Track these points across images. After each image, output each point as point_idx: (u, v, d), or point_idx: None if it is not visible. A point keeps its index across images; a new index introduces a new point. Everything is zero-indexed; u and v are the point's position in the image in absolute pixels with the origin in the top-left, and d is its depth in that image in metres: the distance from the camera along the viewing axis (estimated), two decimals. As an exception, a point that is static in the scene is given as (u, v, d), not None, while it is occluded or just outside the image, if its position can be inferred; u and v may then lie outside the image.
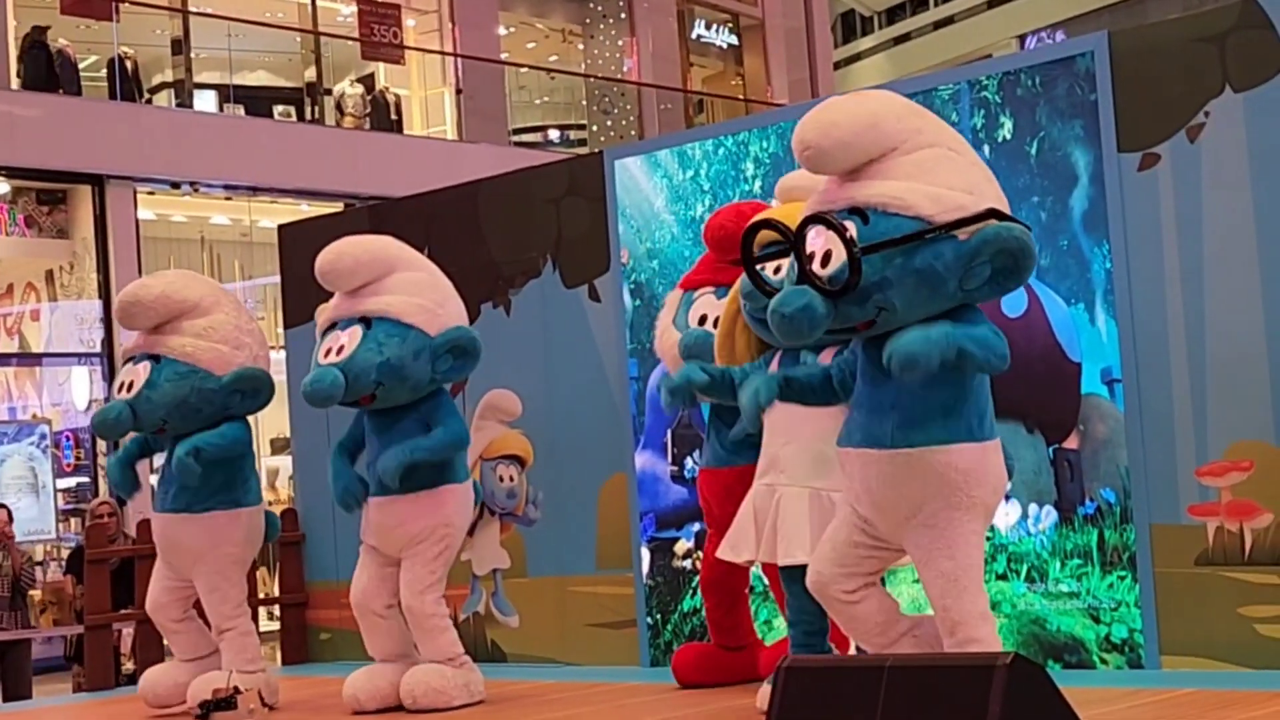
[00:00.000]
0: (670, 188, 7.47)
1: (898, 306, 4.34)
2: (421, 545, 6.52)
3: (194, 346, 6.74)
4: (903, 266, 4.30)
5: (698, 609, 7.23)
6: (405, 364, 6.42)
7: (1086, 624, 6.15)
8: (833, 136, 4.40)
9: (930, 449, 4.42)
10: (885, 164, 4.42)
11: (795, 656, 4.00)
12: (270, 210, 18.63)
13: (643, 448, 7.53)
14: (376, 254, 6.63)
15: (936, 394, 4.43)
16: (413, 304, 6.52)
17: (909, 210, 4.33)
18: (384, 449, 6.51)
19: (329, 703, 6.82)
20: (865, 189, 4.39)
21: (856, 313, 4.36)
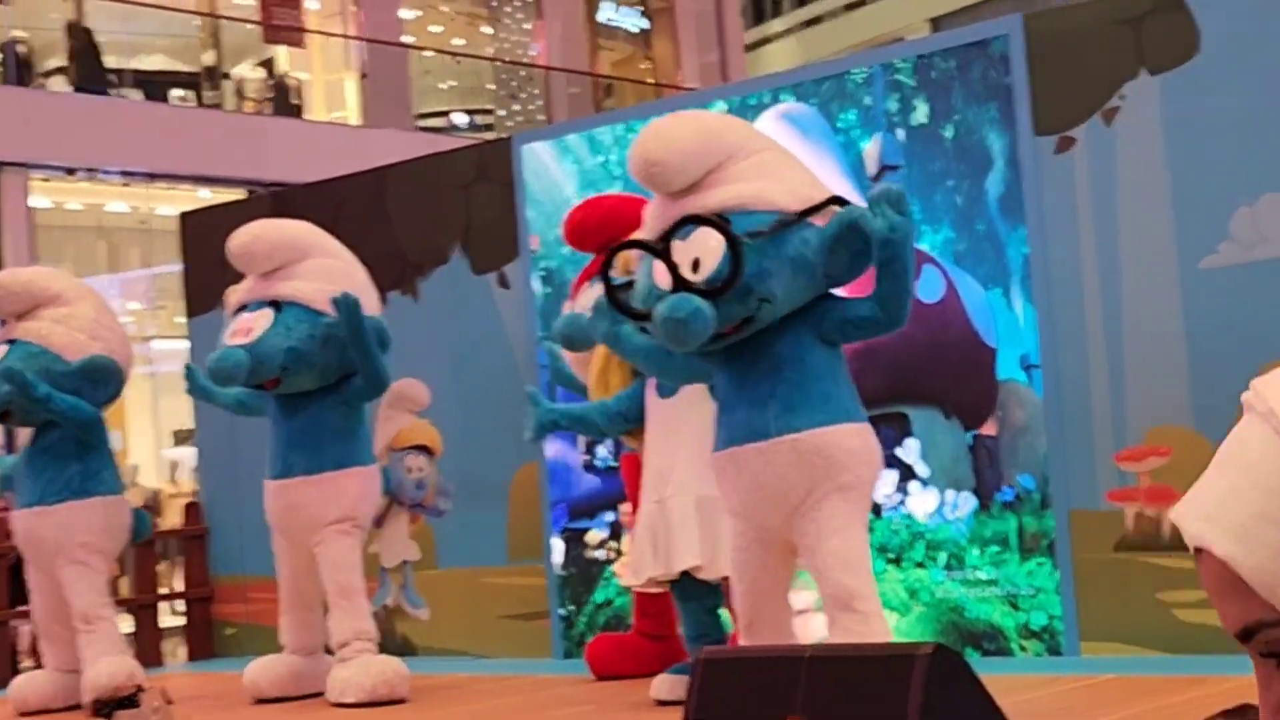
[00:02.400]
0: (580, 173, 7.38)
1: (777, 296, 4.46)
2: (332, 527, 6.44)
3: (49, 330, 6.75)
4: (777, 256, 4.43)
5: (611, 600, 7.17)
6: (313, 350, 6.37)
7: (1005, 611, 6.13)
8: (677, 150, 4.53)
9: (814, 432, 4.50)
10: (726, 172, 4.56)
11: (712, 648, 3.93)
12: (170, 197, 18.37)
13: (554, 437, 7.43)
14: (291, 238, 6.59)
15: (813, 379, 4.54)
16: (324, 291, 6.45)
17: (769, 205, 4.48)
18: (292, 434, 6.48)
19: (234, 698, 6.71)
20: (713, 197, 4.52)
21: (738, 310, 4.45)
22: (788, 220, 4.44)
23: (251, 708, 6.55)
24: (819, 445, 4.49)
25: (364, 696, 6.24)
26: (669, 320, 4.36)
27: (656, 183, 4.59)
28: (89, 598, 6.68)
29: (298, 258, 6.53)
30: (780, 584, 4.73)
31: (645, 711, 5.56)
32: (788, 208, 4.48)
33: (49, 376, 6.65)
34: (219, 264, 8.57)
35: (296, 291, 6.44)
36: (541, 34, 23.16)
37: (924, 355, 6.19)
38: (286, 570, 6.68)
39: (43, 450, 6.78)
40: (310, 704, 6.52)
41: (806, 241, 4.45)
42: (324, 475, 6.47)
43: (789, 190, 4.51)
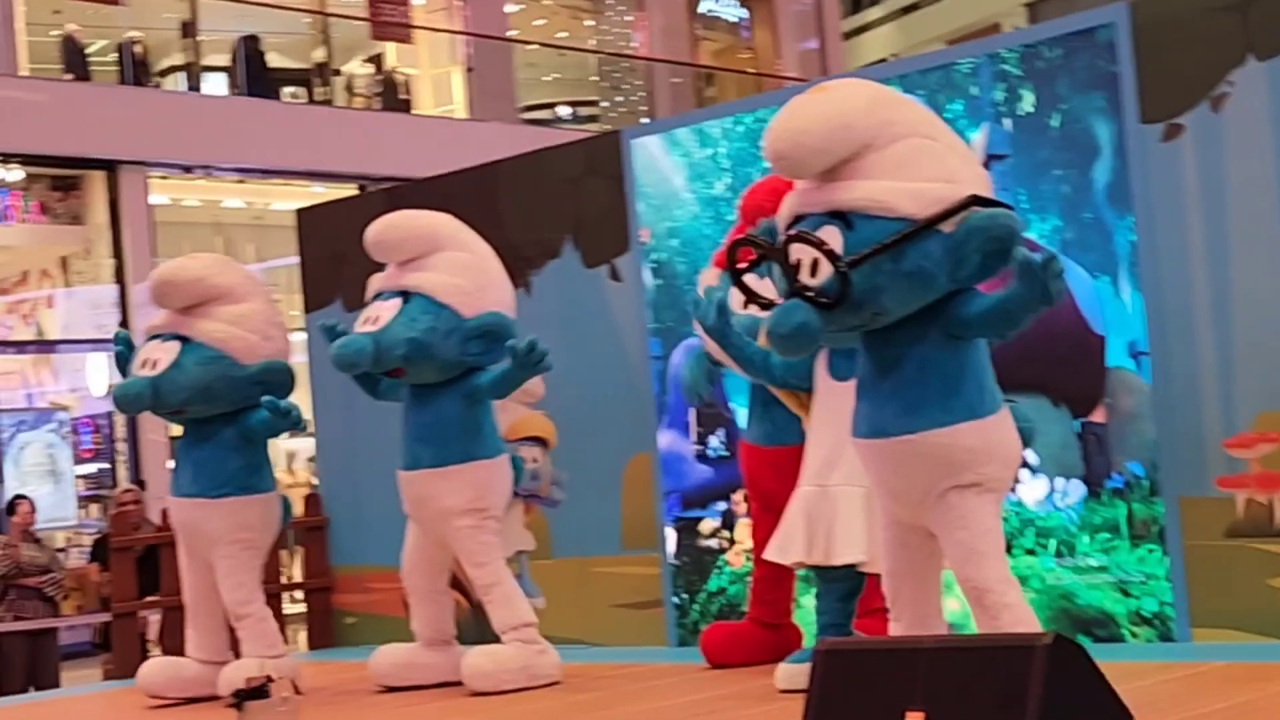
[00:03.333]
0: (689, 165, 7.45)
1: (891, 310, 4.35)
2: (461, 519, 6.55)
3: (225, 333, 6.74)
4: (893, 272, 4.27)
5: (724, 588, 7.24)
6: (434, 343, 6.44)
7: (1116, 598, 6.15)
8: (804, 145, 4.36)
9: (931, 433, 4.39)
10: (861, 163, 4.37)
11: (832, 639, 3.99)
12: (283, 193, 18.64)
13: (666, 427, 7.52)
14: (425, 230, 6.67)
15: (932, 377, 4.42)
16: (451, 284, 6.53)
17: (892, 212, 4.28)
18: (420, 426, 6.58)
19: (356, 686, 6.86)
20: (844, 192, 4.35)
21: (851, 319, 4.36)
22: (907, 235, 4.26)
23: (376, 695, 6.69)
24: (936, 447, 4.38)
25: (490, 685, 6.37)
26: (772, 334, 4.31)
27: (786, 174, 4.49)
28: (237, 593, 6.81)
29: (430, 249, 6.60)
30: (920, 566, 4.63)
31: (760, 700, 5.61)
32: (913, 214, 4.27)
33: (226, 382, 6.70)
34: (334, 259, 8.77)
35: (423, 283, 6.51)
36: (643, 25, 23.23)
37: (1032, 343, 6.14)
38: (406, 556, 6.80)
39: (204, 441, 6.84)
40: (432, 693, 6.65)
41: (928, 254, 4.27)
42: (450, 468, 6.56)
43: (915, 192, 4.30)
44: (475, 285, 6.61)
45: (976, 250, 4.27)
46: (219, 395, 6.74)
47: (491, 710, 6.09)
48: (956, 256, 4.27)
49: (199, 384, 6.68)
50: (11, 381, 17.94)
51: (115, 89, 18.09)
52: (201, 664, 6.97)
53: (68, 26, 18.32)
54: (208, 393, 6.72)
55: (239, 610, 6.83)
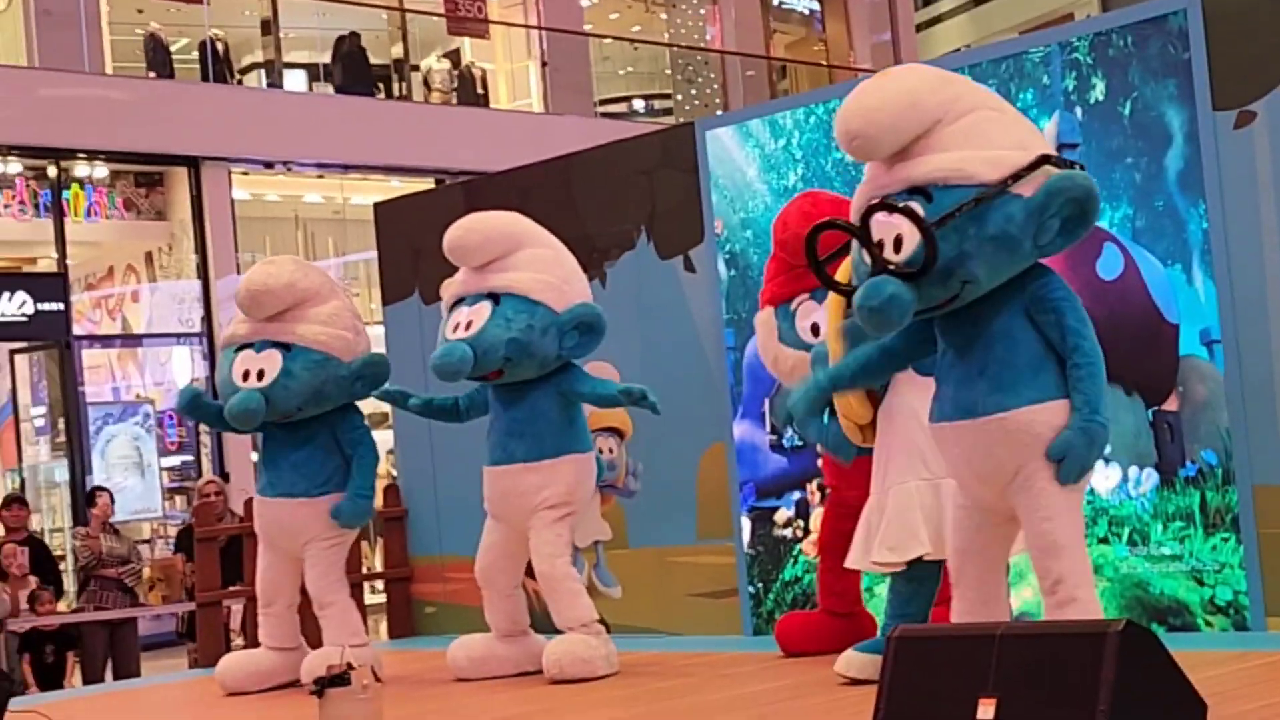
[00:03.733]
0: (762, 157, 7.49)
1: (980, 277, 4.37)
2: (546, 512, 6.62)
3: (325, 334, 6.83)
4: (978, 236, 4.31)
5: (799, 577, 7.27)
6: (533, 340, 6.53)
7: (1190, 586, 6.14)
8: (878, 122, 4.41)
9: (1023, 410, 4.41)
10: (933, 138, 4.42)
11: (905, 625, 4.02)
12: (362, 187, 18.78)
13: (741, 417, 7.56)
14: (504, 230, 6.74)
15: (1023, 356, 4.44)
16: (540, 281, 6.61)
17: (970, 180, 4.33)
18: (513, 422, 6.66)
19: (435, 675, 6.94)
20: (919, 167, 4.40)
21: (939, 292, 4.37)
22: (987, 195, 4.30)
23: (453, 685, 6.77)
24: (1027, 424, 4.40)
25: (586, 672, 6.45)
26: (863, 307, 4.32)
27: (860, 155, 4.52)
28: (323, 583, 6.93)
29: (511, 249, 6.68)
30: (989, 550, 4.65)
31: (834, 690, 5.64)
32: (988, 179, 4.32)
33: (334, 383, 6.82)
34: (411, 252, 8.87)
35: (513, 283, 6.58)
36: (716, 18, 23.24)
37: (1104, 332, 6.08)
38: (484, 551, 6.87)
39: (303, 443, 6.94)
40: (511, 682, 6.72)
41: (1010, 217, 4.31)
42: (544, 462, 6.63)
43: (992, 159, 4.35)
44: (561, 279, 6.71)
45: (1057, 214, 4.32)
46: (329, 396, 6.86)
47: (570, 698, 6.16)
48: (1039, 221, 4.32)
49: (311, 388, 6.79)
50: (98, 375, 18.17)
51: (198, 86, 18.30)
52: (275, 651, 7.10)
53: (151, 25, 18.56)
54: (319, 395, 6.83)
55: (324, 599, 6.94)
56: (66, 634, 11.63)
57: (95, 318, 18.52)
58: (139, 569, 12.40)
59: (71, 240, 17.36)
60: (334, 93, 19.42)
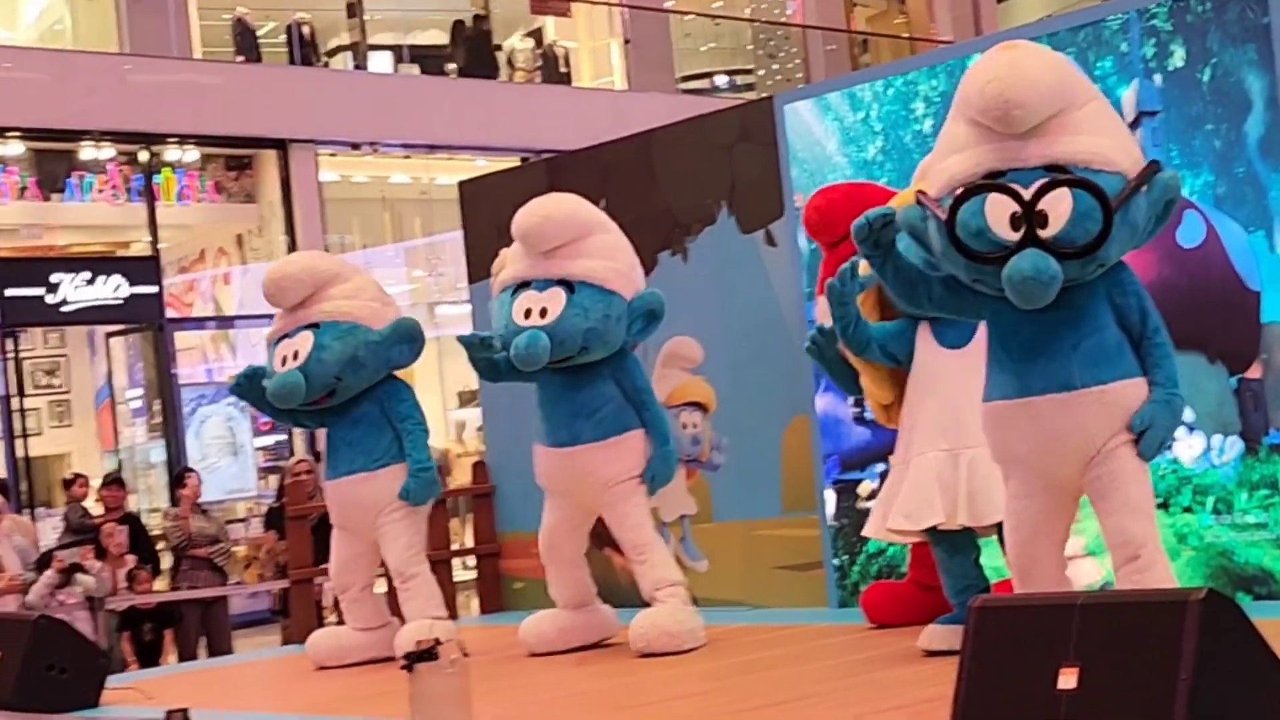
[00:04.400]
0: (841, 130, 7.49)
1: (1111, 260, 4.51)
2: (620, 486, 6.71)
3: (349, 305, 7.02)
4: (1125, 223, 4.43)
5: (883, 550, 7.28)
6: (609, 329, 6.63)
7: (1275, 555, 6.09)
8: (1039, 93, 4.43)
9: (1117, 384, 4.53)
10: (1066, 119, 4.47)
11: (986, 596, 4.04)
12: (448, 167, 18.88)
13: (824, 390, 7.56)
14: (573, 216, 6.79)
15: (1111, 336, 4.56)
16: (612, 269, 6.69)
17: (1111, 166, 4.42)
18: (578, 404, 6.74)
19: (522, 650, 7.01)
20: (1059, 145, 4.44)
21: (1075, 272, 4.45)
22: (1135, 185, 4.41)
23: (541, 659, 6.85)
24: (1121, 398, 4.53)
25: (673, 645, 6.50)
26: (1033, 281, 4.34)
27: (1014, 125, 4.47)
28: (403, 555, 7.05)
29: (581, 234, 6.73)
30: (1056, 532, 4.72)
31: (920, 661, 5.67)
32: (1128, 170, 4.44)
33: (368, 349, 6.97)
34: (496, 230, 8.91)
35: (589, 272, 6.65)
36: (798, -7, 23.18)
37: (1186, 300, 6.17)
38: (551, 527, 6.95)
39: (356, 422, 7.11)
40: (595, 654, 6.80)
41: (1140, 207, 4.46)
42: (610, 440, 6.72)
43: (1123, 149, 4.48)
44: (629, 266, 6.80)
45: (1162, 207, 4.50)
46: (365, 363, 7.00)
47: (658, 671, 6.21)
48: (1153, 212, 4.47)
49: (344, 356, 6.94)
50: (192, 357, 18.40)
51: (285, 69, 18.47)
52: (361, 632, 7.22)
53: (238, 10, 18.74)
54: (355, 362, 6.97)
55: (406, 570, 7.05)
56: (164, 612, 11.82)
57: (188, 300, 18.75)
58: (228, 548, 12.58)
59: (163, 224, 17.58)
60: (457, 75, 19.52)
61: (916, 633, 6.10)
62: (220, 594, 12.14)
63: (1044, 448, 4.61)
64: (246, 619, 14.05)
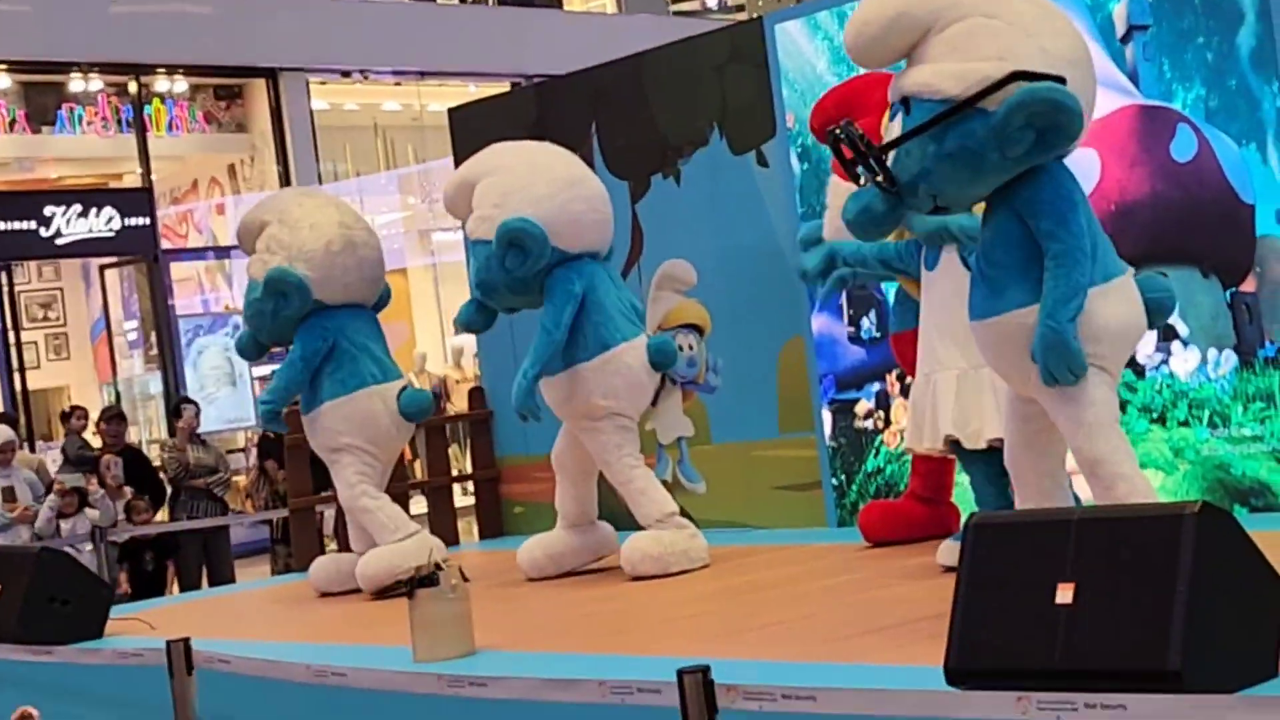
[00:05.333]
0: (832, 49, 7.45)
1: (946, 191, 4.47)
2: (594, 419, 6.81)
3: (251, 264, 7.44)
4: (936, 154, 4.39)
5: (881, 468, 7.31)
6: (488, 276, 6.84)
7: (1272, 467, 6.11)
8: (866, 35, 4.51)
9: (1011, 314, 4.44)
10: (925, 47, 4.49)
11: (983, 512, 4.05)
12: (439, 94, 18.82)
13: (819, 310, 7.57)
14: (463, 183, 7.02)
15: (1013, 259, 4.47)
16: (479, 217, 6.84)
17: (936, 94, 4.39)
18: None
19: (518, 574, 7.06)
20: (905, 78, 4.51)
21: (918, 203, 4.52)
22: (943, 113, 4.35)
23: (541, 583, 6.89)
24: (1018, 328, 4.42)
25: (658, 569, 6.55)
26: (849, 224, 4.58)
27: (859, 65, 4.74)
28: (344, 491, 7.20)
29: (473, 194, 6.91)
30: (1040, 438, 4.64)
31: (918, 577, 5.71)
32: (956, 95, 4.35)
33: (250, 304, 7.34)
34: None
35: (471, 230, 6.90)
36: (791, -92, 23.01)
37: (1179, 214, 6.17)
38: (559, 439, 7.04)
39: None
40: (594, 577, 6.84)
41: (970, 133, 4.34)
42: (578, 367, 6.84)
43: (960, 73, 4.37)
44: (492, 204, 6.87)
45: (1021, 126, 4.30)
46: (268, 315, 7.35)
47: (659, 594, 6.26)
48: (1001, 135, 4.32)
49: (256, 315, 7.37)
50: (187, 288, 18.39)
51: (273, -3, 18.38)
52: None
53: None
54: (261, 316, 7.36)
55: (351, 506, 7.20)
56: (165, 542, 11.86)
57: (182, 231, 18.72)
58: (227, 478, 12.60)
59: (155, 155, 17.54)
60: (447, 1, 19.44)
61: (915, 550, 6.15)
62: (219, 524, 12.16)
63: (996, 365, 4.66)
64: (249, 547, 14.09)
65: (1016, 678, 3.41)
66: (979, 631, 3.60)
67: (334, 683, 4.93)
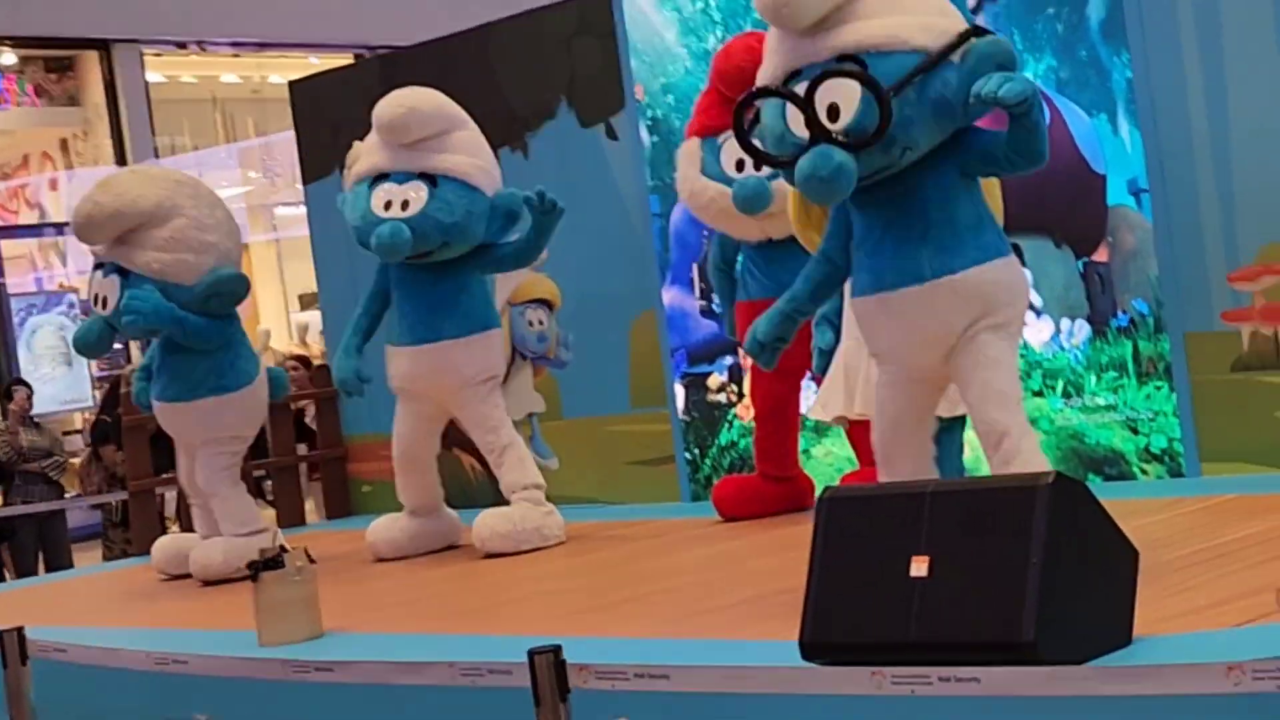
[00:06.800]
0: (681, 20, 7.39)
1: (920, 143, 4.34)
2: (479, 386, 6.65)
3: (159, 262, 6.68)
4: (919, 102, 4.27)
5: (735, 442, 7.28)
6: (470, 225, 6.51)
7: (1125, 436, 6.16)
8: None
9: (970, 271, 4.39)
10: (855, 6, 4.35)
11: (836, 485, 3.99)
12: (280, 65, 18.52)
13: (670, 284, 7.52)
14: (438, 110, 6.65)
15: (963, 218, 4.42)
16: (475, 165, 6.58)
17: (906, 45, 4.28)
18: (437, 300, 6.63)
19: (367, 555, 6.93)
20: (849, 34, 4.33)
21: (881, 160, 4.33)
22: (930, 62, 4.27)
23: (391, 564, 6.76)
24: (976, 284, 4.38)
25: (509, 546, 6.45)
26: (813, 179, 4.24)
27: (786, 22, 4.41)
28: (208, 476, 6.95)
29: (446, 129, 6.60)
30: (920, 421, 4.65)
31: (774, 553, 5.66)
32: (927, 45, 4.29)
33: (182, 307, 6.70)
34: (330, 130, 8.73)
35: (454, 167, 6.53)
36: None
37: (1032, 184, 6.08)
38: (407, 432, 6.84)
39: (174, 349, 6.90)
40: (444, 556, 6.75)
41: (947, 83, 4.27)
42: (474, 337, 6.63)
43: (924, 26, 4.32)
44: (490, 163, 6.71)
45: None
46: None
47: (512, 572, 6.17)
48: (968, 86, 4.25)
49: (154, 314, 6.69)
50: (19, 266, 17.96)
51: (104, -34, 17.95)
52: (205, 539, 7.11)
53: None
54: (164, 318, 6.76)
55: (207, 491, 6.98)
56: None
57: (13, 208, 18.27)
58: (63, 461, 12.28)
59: (-18, 129, 17.10)
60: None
61: (768, 524, 6.12)
62: (54, 508, 11.85)
63: (903, 340, 4.54)
64: (87, 531, 13.76)
65: (872, 651, 3.36)
66: (834, 605, 3.56)
67: (176, 670, 4.78)
